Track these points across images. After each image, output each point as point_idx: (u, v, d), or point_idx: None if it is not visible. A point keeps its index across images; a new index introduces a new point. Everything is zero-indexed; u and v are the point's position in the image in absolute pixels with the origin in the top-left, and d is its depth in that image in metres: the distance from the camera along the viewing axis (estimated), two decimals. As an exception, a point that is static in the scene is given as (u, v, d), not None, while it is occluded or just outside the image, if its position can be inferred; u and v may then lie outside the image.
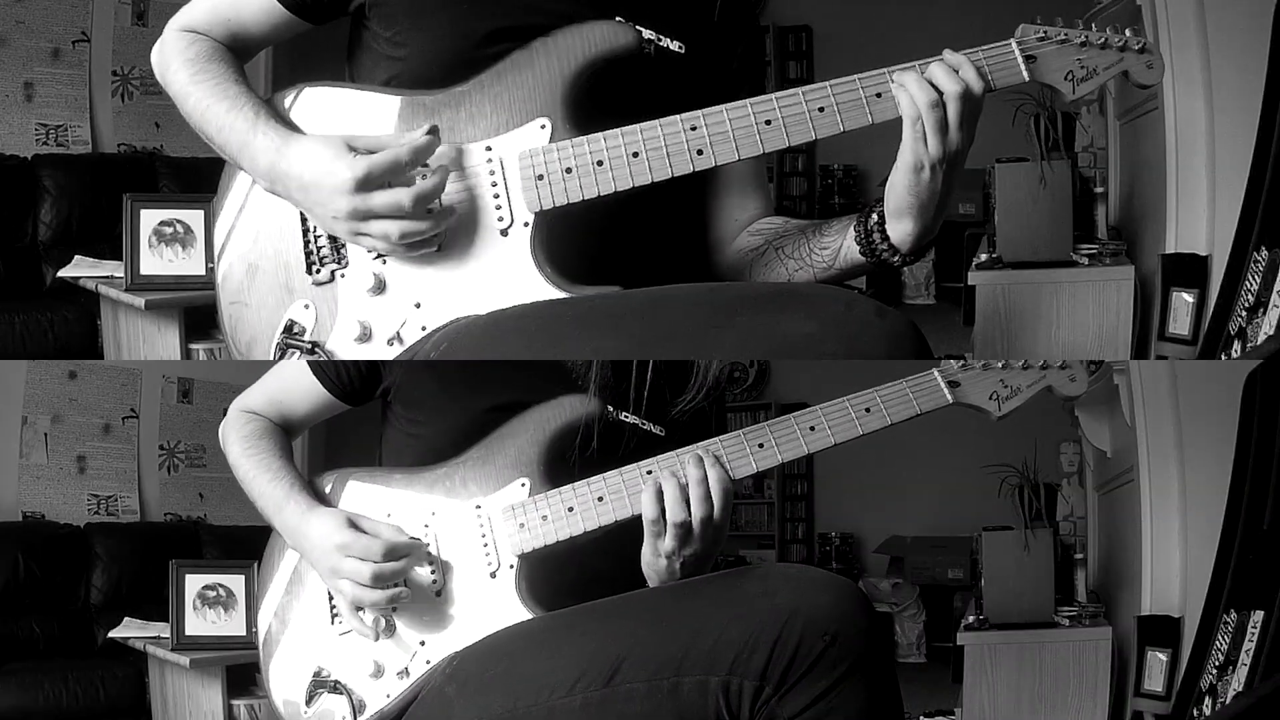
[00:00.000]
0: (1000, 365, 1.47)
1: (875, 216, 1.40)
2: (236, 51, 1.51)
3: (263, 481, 1.56)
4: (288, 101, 1.45)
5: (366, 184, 1.33)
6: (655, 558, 1.40)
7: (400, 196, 1.33)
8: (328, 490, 1.54)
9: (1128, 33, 1.40)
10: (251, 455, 1.59)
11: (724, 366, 1.51)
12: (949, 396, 1.44)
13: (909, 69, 1.35)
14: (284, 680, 1.52)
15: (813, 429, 1.42)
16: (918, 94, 1.32)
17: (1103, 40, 1.40)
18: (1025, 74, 1.38)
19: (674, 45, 1.43)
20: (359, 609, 1.45)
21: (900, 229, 1.38)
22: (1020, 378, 1.47)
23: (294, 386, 1.62)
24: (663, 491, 1.37)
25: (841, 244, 1.44)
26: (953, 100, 1.32)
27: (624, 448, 1.45)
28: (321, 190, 1.35)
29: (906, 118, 1.33)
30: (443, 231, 1.37)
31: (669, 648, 1.27)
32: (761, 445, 1.42)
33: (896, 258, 1.41)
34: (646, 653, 1.28)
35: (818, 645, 1.23)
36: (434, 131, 1.36)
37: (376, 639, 1.45)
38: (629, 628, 1.32)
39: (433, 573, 1.45)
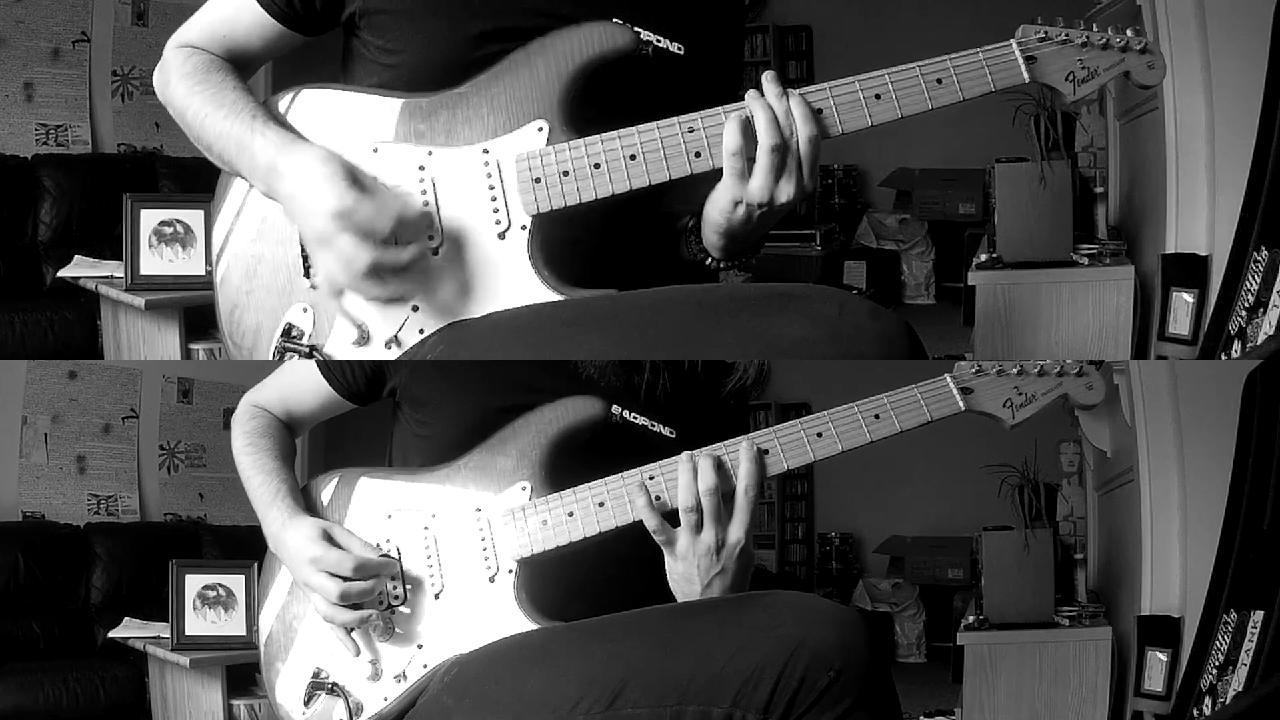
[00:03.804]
0: (1015, 371, 1.43)
1: (690, 223, 1.42)
2: (237, 67, 1.50)
3: (256, 481, 1.57)
4: (284, 103, 1.45)
5: (341, 218, 1.32)
6: (674, 564, 1.39)
7: (359, 256, 1.32)
8: (330, 490, 1.54)
9: (1129, 33, 1.39)
10: (250, 452, 1.60)
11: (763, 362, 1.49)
12: (961, 403, 1.41)
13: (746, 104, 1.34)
14: (283, 681, 1.52)
15: (820, 435, 1.39)
16: (764, 132, 1.31)
17: (1104, 41, 1.38)
18: (1026, 75, 1.37)
19: (673, 46, 1.42)
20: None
21: (711, 241, 1.40)
22: (1035, 385, 1.43)
23: (301, 384, 1.63)
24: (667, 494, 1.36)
25: (681, 243, 1.46)
26: (805, 145, 1.32)
27: (633, 449, 1.43)
28: (302, 202, 1.35)
29: (727, 153, 1.32)
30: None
31: (673, 674, 1.26)
32: (767, 452, 1.39)
33: (710, 262, 1.42)
34: (650, 678, 1.26)
35: (822, 679, 1.22)
36: (425, 214, 1.36)
37: (358, 654, 1.45)
38: (633, 650, 1.30)
39: (415, 585, 1.45)
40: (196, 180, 4.11)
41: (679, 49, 1.42)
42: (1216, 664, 2.58)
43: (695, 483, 1.36)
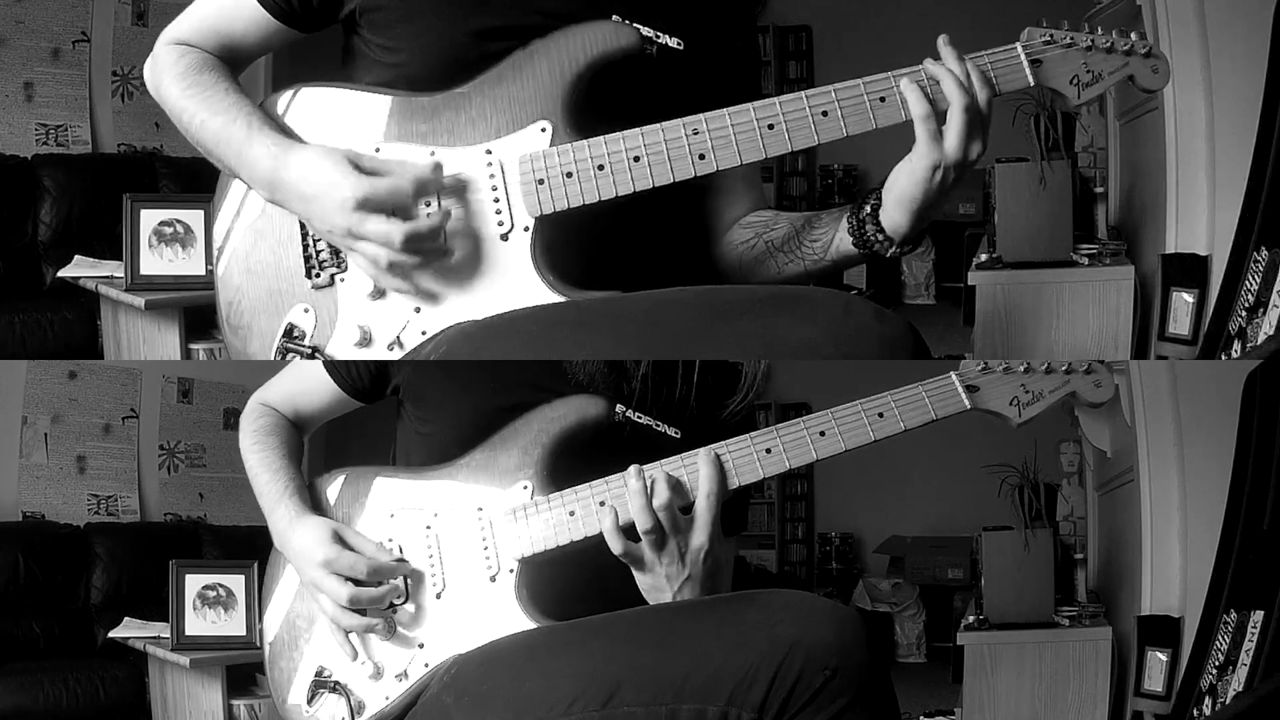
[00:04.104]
0: (1022, 369, 1.41)
1: (868, 208, 1.41)
2: (229, 62, 1.51)
3: (263, 479, 1.57)
4: (284, 102, 1.45)
5: (365, 205, 1.34)
6: (641, 577, 1.39)
7: (392, 230, 1.33)
8: (333, 488, 1.54)
9: (1133, 37, 1.39)
10: (258, 450, 1.60)
11: (767, 365, 1.49)
12: (967, 402, 1.40)
13: (916, 71, 1.35)
14: (286, 679, 1.53)
15: (823, 434, 1.38)
16: (956, 93, 1.33)
17: (1109, 44, 1.38)
18: (1031, 78, 1.37)
19: (672, 42, 1.42)
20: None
21: (897, 221, 1.39)
22: (1043, 382, 1.41)
23: (308, 382, 1.63)
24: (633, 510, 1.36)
25: (834, 236, 1.44)
26: (985, 105, 1.34)
27: (636, 449, 1.43)
28: (321, 203, 1.35)
29: (920, 117, 1.33)
30: (430, 263, 1.37)
31: (668, 673, 1.26)
32: (769, 450, 1.38)
33: (892, 248, 1.41)
34: (645, 677, 1.26)
35: (818, 679, 1.22)
36: (438, 168, 1.36)
37: (355, 658, 1.45)
38: (629, 649, 1.30)
39: (416, 584, 1.44)
40: (196, 180, 4.11)
41: (678, 44, 1.42)
42: (1216, 664, 2.58)
43: (650, 502, 1.35)
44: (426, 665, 1.43)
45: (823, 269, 1.47)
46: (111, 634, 3.79)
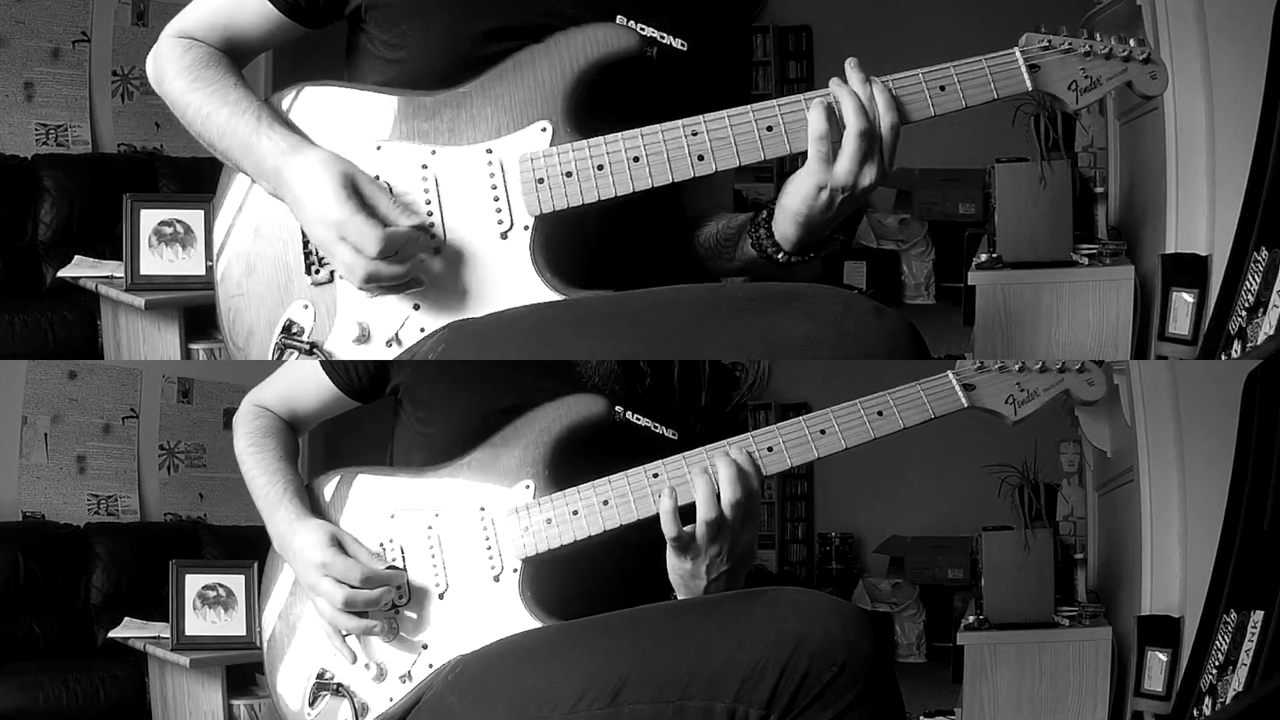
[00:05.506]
0: (1017, 368, 1.43)
1: (764, 214, 1.42)
2: (233, 57, 1.51)
3: (261, 482, 1.56)
4: (286, 101, 1.45)
5: (339, 228, 1.34)
6: (681, 563, 1.37)
7: (366, 234, 1.32)
8: (332, 489, 1.54)
9: (1132, 42, 1.39)
10: (254, 453, 1.60)
11: (767, 365, 1.50)
12: (964, 400, 1.42)
13: (843, 87, 1.34)
14: (287, 681, 1.52)
15: (823, 432, 1.39)
16: (853, 117, 1.31)
17: (1107, 50, 1.38)
18: (1029, 83, 1.37)
19: (676, 43, 1.42)
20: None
21: (786, 231, 1.39)
22: (1037, 381, 1.43)
23: (304, 383, 1.62)
24: (698, 492, 1.35)
25: (740, 240, 1.46)
26: (888, 131, 1.32)
27: (634, 450, 1.43)
28: (308, 212, 1.36)
29: (814, 137, 1.32)
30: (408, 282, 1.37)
31: (674, 670, 1.26)
32: (771, 449, 1.39)
33: (781, 256, 1.42)
34: (651, 673, 1.27)
35: (825, 674, 1.22)
36: (423, 226, 1.36)
37: (354, 661, 1.45)
38: (634, 646, 1.30)
39: (419, 585, 1.44)
40: (197, 180, 4.11)
41: (682, 45, 1.42)
42: (1216, 664, 2.59)
43: (716, 495, 1.35)
44: (430, 666, 1.43)
45: (732, 272, 1.49)
46: (111, 634, 3.80)
